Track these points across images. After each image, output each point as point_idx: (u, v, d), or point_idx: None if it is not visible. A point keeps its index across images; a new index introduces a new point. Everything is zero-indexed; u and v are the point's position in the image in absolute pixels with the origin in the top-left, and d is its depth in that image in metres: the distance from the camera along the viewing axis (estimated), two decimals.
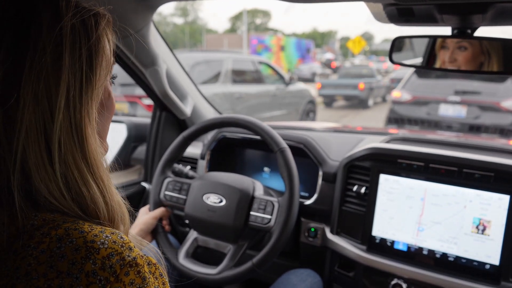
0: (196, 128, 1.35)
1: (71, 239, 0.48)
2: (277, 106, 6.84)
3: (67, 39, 0.53)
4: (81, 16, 0.55)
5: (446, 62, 1.12)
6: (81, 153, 0.53)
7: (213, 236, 1.26)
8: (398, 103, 5.97)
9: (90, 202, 0.54)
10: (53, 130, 0.51)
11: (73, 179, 0.52)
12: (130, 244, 0.51)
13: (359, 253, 1.26)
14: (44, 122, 0.51)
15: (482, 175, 1.12)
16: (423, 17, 1.07)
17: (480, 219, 1.12)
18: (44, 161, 0.51)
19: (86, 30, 0.55)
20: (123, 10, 1.18)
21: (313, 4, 1.12)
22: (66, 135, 0.52)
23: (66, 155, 0.52)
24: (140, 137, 1.86)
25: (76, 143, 0.53)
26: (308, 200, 1.41)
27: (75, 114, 0.53)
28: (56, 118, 0.51)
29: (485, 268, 1.11)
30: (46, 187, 0.51)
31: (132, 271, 0.48)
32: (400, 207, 1.23)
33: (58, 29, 0.52)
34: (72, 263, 0.46)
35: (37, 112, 0.50)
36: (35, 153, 0.50)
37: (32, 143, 0.50)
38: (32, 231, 0.49)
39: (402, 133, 1.75)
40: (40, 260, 0.46)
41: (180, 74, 1.60)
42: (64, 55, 0.52)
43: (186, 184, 1.32)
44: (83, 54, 0.54)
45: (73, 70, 0.53)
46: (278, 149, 1.21)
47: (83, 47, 0.54)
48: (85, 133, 0.54)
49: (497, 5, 0.94)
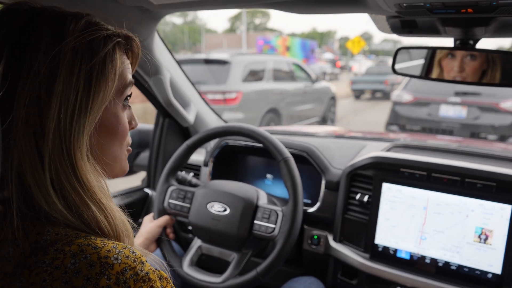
0: (200, 137, 1.35)
1: (85, 255, 0.48)
2: (307, 101, 7.74)
3: (64, 63, 0.52)
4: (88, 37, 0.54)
5: (454, 71, 1.11)
6: (74, 176, 0.53)
7: (217, 244, 1.27)
8: (399, 104, 6.07)
9: (92, 220, 0.54)
10: (44, 151, 0.51)
11: (72, 200, 0.53)
12: (142, 259, 0.52)
13: (362, 261, 1.27)
14: (36, 142, 0.51)
15: (484, 185, 1.13)
16: (426, 29, 1.08)
17: (482, 229, 1.13)
18: (41, 179, 0.51)
19: (90, 54, 0.54)
20: (128, 21, 1.18)
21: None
22: (57, 158, 0.52)
23: (59, 176, 0.52)
24: (143, 143, 1.87)
25: (68, 166, 0.53)
26: (311, 207, 1.42)
27: (65, 139, 0.52)
28: (45, 141, 0.51)
29: (487, 277, 1.12)
30: (46, 202, 0.51)
31: (146, 286, 0.49)
32: (402, 216, 1.24)
33: (56, 51, 0.51)
34: (87, 279, 0.47)
35: (29, 133, 0.51)
36: (31, 171, 0.51)
37: (28, 161, 0.51)
38: (46, 246, 0.50)
39: (404, 139, 1.76)
40: (55, 276, 0.47)
41: (184, 82, 1.61)
42: (59, 79, 0.52)
43: (190, 193, 1.33)
44: (80, 79, 0.53)
45: (66, 95, 0.52)
46: (282, 159, 1.22)
47: (82, 71, 0.53)
48: (75, 159, 0.53)
49: (500, 18, 0.95)
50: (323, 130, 2.13)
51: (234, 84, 5.97)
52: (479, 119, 5.41)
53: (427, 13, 0.92)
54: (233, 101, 5.89)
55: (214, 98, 5.84)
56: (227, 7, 1.14)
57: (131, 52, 0.64)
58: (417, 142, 1.61)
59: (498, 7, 0.82)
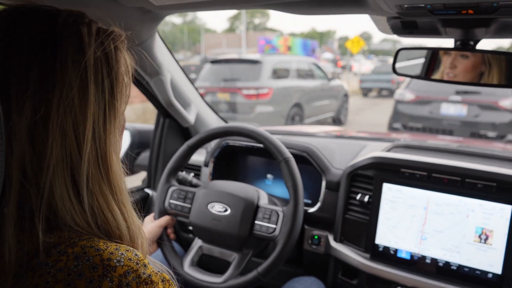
0: (200, 137, 1.36)
1: (88, 257, 0.49)
2: (324, 97, 8.61)
3: (91, 71, 0.53)
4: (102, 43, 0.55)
5: (446, 68, 1.12)
6: (107, 181, 0.55)
7: (218, 244, 1.28)
8: (402, 102, 6.24)
9: (115, 228, 0.55)
10: (80, 163, 0.52)
11: (99, 208, 0.54)
12: (144, 261, 0.52)
13: (362, 261, 1.28)
14: (71, 156, 0.52)
15: (484, 185, 1.14)
16: (426, 29, 1.08)
17: (482, 229, 1.13)
18: (69, 194, 0.52)
19: (107, 60, 0.55)
20: (129, 22, 1.19)
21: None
22: (93, 166, 0.53)
23: (93, 186, 0.53)
24: (143, 144, 1.87)
25: (103, 172, 0.54)
26: (312, 208, 1.42)
27: (101, 144, 0.54)
28: (84, 151, 0.52)
29: (488, 277, 1.12)
30: (71, 218, 0.52)
31: None
32: (403, 216, 1.24)
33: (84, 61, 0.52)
34: (90, 281, 0.47)
35: (65, 147, 0.51)
36: (61, 187, 0.51)
37: (59, 177, 0.51)
38: (49, 249, 0.50)
39: (404, 139, 1.76)
40: (58, 278, 0.47)
41: (184, 82, 1.61)
42: (90, 87, 0.53)
43: (191, 193, 1.33)
44: (105, 84, 0.55)
45: (97, 101, 0.53)
46: (283, 159, 1.22)
47: (105, 77, 0.55)
48: (110, 162, 0.55)
49: (500, 19, 0.95)
50: (323, 130, 2.13)
51: (266, 81, 6.82)
52: (479, 117, 5.56)
53: (428, 14, 0.93)
54: (266, 96, 6.75)
55: (248, 93, 6.72)
56: (228, 8, 1.14)
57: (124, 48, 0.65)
58: (418, 142, 1.61)
59: (499, 8, 0.83)
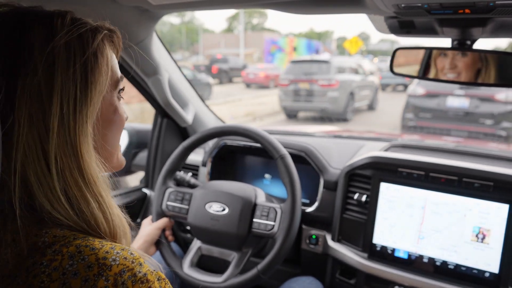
0: (196, 138, 1.35)
1: (83, 256, 0.49)
2: (364, 88, 11.41)
3: (59, 58, 0.53)
4: (77, 32, 0.55)
5: (446, 69, 1.13)
6: (78, 169, 0.54)
7: (217, 244, 1.27)
8: (413, 96, 7.43)
9: (90, 217, 0.54)
10: (49, 148, 0.52)
11: (73, 195, 0.53)
12: (140, 260, 0.52)
13: (360, 261, 1.28)
14: (40, 140, 0.52)
15: (481, 185, 1.14)
16: (423, 29, 1.09)
17: (479, 228, 1.14)
18: (45, 177, 0.52)
19: (81, 47, 0.55)
20: (127, 21, 1.18)
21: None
22: (63, 153, 0.53)
23: (63, 171, 0.53)
24: (141, 144, 1.87)
25: (73, 160, 0.54)
26: (310, 207, 1.42)
27: (70, 132, 0.53)
28: (51, 137, 0.52)
29: (485, 276, 1.13)
30: (49, 202, 0.52)
31: (144, 287, 0.50)
32: (400, 215, 1.24)
33: (50, 48, 0.52)
34: (85, 280, 0.47)
35: (33, 132, 0.51)
36: (34, 170, 0.51)
37: (31, 161, 0.51)
38: (44, 248, 0.50)
39: (402, 139, 1.76)
40: (53, 277, 0.47)
41: (182, 82, 1.61)
42: (56, 74, 0.52)
43: (188, 194, 1.33)
44: (77, 72, 0.54)
45: (66, 89, 0.53)
46: (279, 156, 1.22)
47: (77, 65, 0.54)
48: (81, 150, 0.54)
49: (497, 19, 0.95)
50: (321, 130, 2.14)
51: (333, 75, 10.11)
52: (479, 108, 6.67)
53: (425, 13, 0.93)
54: (334, 85, 10.05)
55: (323, 83, 10.06)
56: (226, 7, 1.14)
57: (114, 45, 0.65)
58: (415, 142, 1.62)
59: (495, 8, 0.83)
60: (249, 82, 19.92)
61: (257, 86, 19.77)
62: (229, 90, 18.48)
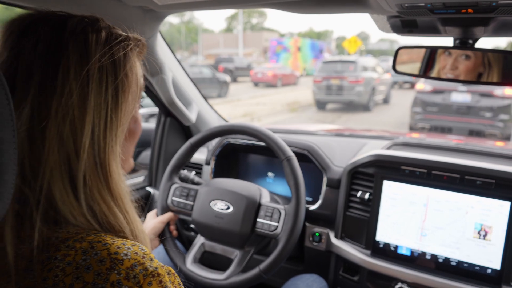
0: (203, 135, 1.36)
1: (95, 251, 0.50)
2: (381, 84, 13.29)
3: (93, 80, 0.53)
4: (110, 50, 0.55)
5: (447, 69, 1.14)
6: (107, 187, 0.55)
7: (220, 242, 1.29)
8: (421, 92, 8.13)
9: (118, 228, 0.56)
10: (78, 168, 0.53)
11: (101, 212, 0.55)
12: (151, 255, 0.53)
13: (363, 258, 1.29)
14: (69, 161, 0.53)
15: (483, 182, 1.15)
16: (426, 28, 1.10)
17: (481, 225, 1.15)
18: (69, 196, 0.53)
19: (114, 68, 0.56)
20: (131, 21, 1.19)
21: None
22: (91, 172, 0.54)
23: (91, 190, 0.54)
24: (144, 142, 1.88)
25: (102, 178, 0.55)
26: (313, 205, 1.43)
27: (99, 152, 0.54)
28: (81, 157, 0.53)
29: (487, 272, 1.14)
30: (73, 217, 0.53)
31: (155, 281, 0.51)
32: (403, 213, 1.25)
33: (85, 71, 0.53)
34: (98, 274, 0.48)
35: (62, 152, 0.52)
36: (59, 189, 0.52)
37: (57, 180, 0.52)
38: (58, 243, 0.51)
39: (404, 137, 1.78)
40: (67, 271, 0.49)
41: (185, 81, 1.62)
42: (90, 96, 0.53)
43: (193, 190, 1.34)
44: (108, 93, 0.55)
45: (98, 110, 0.54)
46: (285, 158, 1.23)
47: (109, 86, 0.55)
48: (110, 169, 0.55)
49: (499, 18, 0.97)
50: (323, 128, 2.15)
51: (359, 73, 12.14)
52: (479, 102, 7.44)
53: (428, 13, 0.94)
54: (360, 81, 12.07)
55: (351, 80, 11.99)
56: (229, 7, 1.15)
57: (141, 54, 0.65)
58: (417, 140, 1.63)
59: (498, 7, 0.84)
60: (257, 81, 20.16)
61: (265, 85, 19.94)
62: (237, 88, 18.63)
